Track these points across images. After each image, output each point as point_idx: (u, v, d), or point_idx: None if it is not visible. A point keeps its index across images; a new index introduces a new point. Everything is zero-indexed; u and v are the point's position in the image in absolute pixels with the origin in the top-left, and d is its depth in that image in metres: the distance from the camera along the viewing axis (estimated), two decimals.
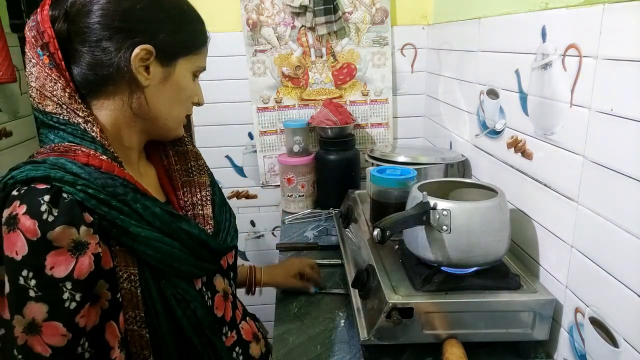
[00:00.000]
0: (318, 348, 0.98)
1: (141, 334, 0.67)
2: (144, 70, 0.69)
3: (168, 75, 0.72)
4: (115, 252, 0.64)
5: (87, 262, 0.60)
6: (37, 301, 0.57)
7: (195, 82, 0.78)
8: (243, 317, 0.91)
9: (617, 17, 0.73)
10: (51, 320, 0.58)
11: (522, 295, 0.89)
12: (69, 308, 0.58)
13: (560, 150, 0.90)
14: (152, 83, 0.70)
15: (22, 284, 0.57)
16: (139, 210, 0.66)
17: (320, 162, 1.73)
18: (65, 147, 0.65)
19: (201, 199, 0.81)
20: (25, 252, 0.57)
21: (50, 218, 0.58)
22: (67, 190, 0.60)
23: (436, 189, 0.99)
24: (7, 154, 1.72)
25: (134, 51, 0.66)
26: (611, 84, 0.75)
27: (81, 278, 0.59)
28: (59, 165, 0.61)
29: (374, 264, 1.00)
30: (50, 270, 0.58)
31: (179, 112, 0.77)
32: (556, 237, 0.92)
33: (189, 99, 0.77)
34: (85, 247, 0.60)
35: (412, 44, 1.80)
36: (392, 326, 0.86)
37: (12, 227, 0.57)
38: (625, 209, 0.73)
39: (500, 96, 1.15)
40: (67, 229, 0.58)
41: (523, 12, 1.03)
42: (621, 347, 0.75)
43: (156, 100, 0.72)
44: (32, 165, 0.62)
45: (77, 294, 0.59)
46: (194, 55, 0.74)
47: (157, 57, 0.69)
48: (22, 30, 1.83)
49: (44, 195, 0.58)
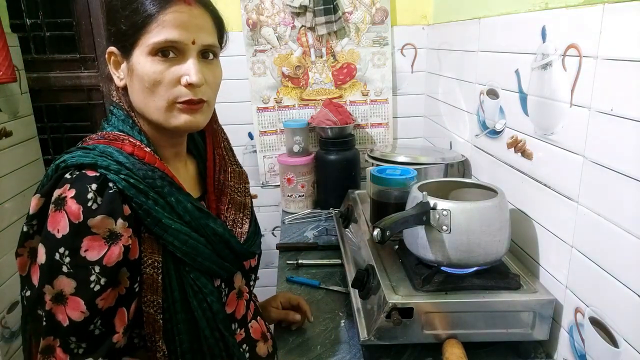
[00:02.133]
0: (318, 348, 0.98)
1: (155, 318, 0.70)
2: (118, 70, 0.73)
3: (131, 68, 0.71)
4: (144, 239, 0.69)
5: (117, 252, 0.64)
6: (67, 276, 0.63)
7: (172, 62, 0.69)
8: (254, 316, 0.92)
9: (617, 17, 0.73)
10: (76, 295, 0.63)
11: (522, 295, 0.89)
12: (93, 289, 0.63)
13: (560, 150, 0.90)
14: (126, 81, 0.73)
15: (57, 259, 0.62)
16: (172, 203, 0.70)
17: (320, 162, 1.73)
18: (115, 136, 0.70)
19: (242, 218, 0.86)
20: (66, 232, 0.62)
21: (94, 206, 0.63)
22: (112, 178, 0.65)
23: (436, 189, 0.99)
24: (7, 154, 1.72)
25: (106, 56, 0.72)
26: (611, 84, 0.75)
27: (109, 265, 0.64)
28: (106, 154, 0.67)
29: (374, 264, 1.00)
30: (84, 252, 0.63)
31: (155, 101, 0.70)
32: (556, 237, 0.92)
33: (158, 85, 0.69)
34: (118, 238, 0.64)
35: (412, 44, 1.80)
36: (392, 326, 0.86)
37: (59, 207, 0.62)
38: (625, 209, 0.73)
39: (500, 96, 1.15)
40: (106, 219, 0.63)
41: (523, 12, 1.03)
42: (621, 347, 0.75)
43: (133, 96, 0.73)
44: (83, 152, 0.67)
45: (102, 278, 0.64)
46: (143, 36, 0.68)
47: (121, 54, 0.72)
48: (22, 30, 1.84)
49: (92, 183, 0.63)
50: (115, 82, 0.73)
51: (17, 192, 1.77)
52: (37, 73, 1.89)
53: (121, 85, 0.73)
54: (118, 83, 0.73)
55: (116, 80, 0.73)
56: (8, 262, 1.71)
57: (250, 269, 0.88)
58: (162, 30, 0.67)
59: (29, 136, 1.87)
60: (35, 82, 1.89)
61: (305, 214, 1.72)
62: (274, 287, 1.27)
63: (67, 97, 1.94)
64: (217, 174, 0.86)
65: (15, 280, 1.74)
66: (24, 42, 1.84)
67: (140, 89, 0.71)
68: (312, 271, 1.31)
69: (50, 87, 1.92)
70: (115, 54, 0.72)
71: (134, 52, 0.70)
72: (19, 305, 1.77)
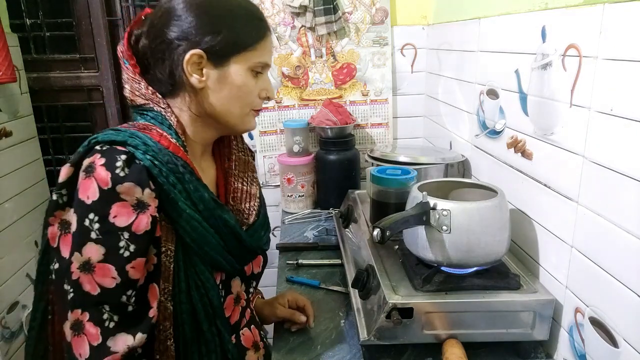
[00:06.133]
0: (318, 348, 0.98)
1: (166, 305, 0.73)
2: (198, 72, 0.75)
3: (222, 75, 0.77)
4: (161, 227, 0.71)
5: (145, 220, 0.67)
6: (96, 243, 0.65)
7: (259, 78, 0.80)
8: (248, 323, 0.91)
9: (617, 17, 0.73)
10: (105, 262, 0.65)
11: (522, 295, 0.89)
12: (122, 255, 0.66)
13: (560, 150, 0.90)
14: (208, 84, 0.76)
15: (86, 225, 0.65)
16: (189, 190, 0.73)
17: (320, 162, 1.73)
18: (145, 125, 0.74)
19: (249, 209, 0.88)
20: (95, 198, 0.65)
21: (122, 174, 0.66)
22: (138, 156, 0.68)
23: (436, 189, 0.99)
24: (7, 154, 1.72)
25: (185, 57, 0.73)
26: (611, 84, 0.75)
27: (137, 232, 0.67)
28: (136, 135, 0.71)
29: (374, 264, 1.00)
30: (113, 218, 0.65)
31: (239, 109, 0.80)
32: (556, 237, 0.92)
33: (248, 95, 0.80)
34: (146, 207, 0.67)
35: (412, 44, 1.80)
36: (392, 326, 0.86)
37: (89, 174, 0.66)
38: (625, 209, 0.73)
39: (500, 96, 1.15)
40: (134, 186, 0.66)
41: (523, 12, 1.03)
42: (621, 347, 0.75)
43: (214, 99, 0.77)
44: (114, 131, 0.71)
45: (131, 245, 0.66)
46: (248, 52, 0.77)
47: (209, 60, 0.75)
48: (22, 30, 1.84)
49: (121, 154, 0.67)
50: (194, 83, 0.75)
51: (17, 192, 1.77)
52: (37, 73, 1.89)
53: (200, 87, 0.76)
54: (197, 85, 0.75)
55: (195, 82, 0.75)
56: (8, 262, 1.71)
57: (252, 275, 0.89)
58: (264, 53, 0.79)
59: (29, 136, 1.87)
60: (35, 82, 1.89)
61: (305, 214, 1.72)
62: (274, 287, 1.27)
63: (67, 97, 1.94)
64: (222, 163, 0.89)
65: (15, 281, 1.74)
66: (24, 42, 1.84)
67: (229, 95, 0.78)
68: (312, 271, 1.31)
69: (50, 87, 1.92)
70: (203, 57, 0.74)
71: (231, 61, 0.76)
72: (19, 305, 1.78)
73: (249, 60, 0.77)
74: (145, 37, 0.77)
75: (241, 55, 0.77)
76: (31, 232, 1.86)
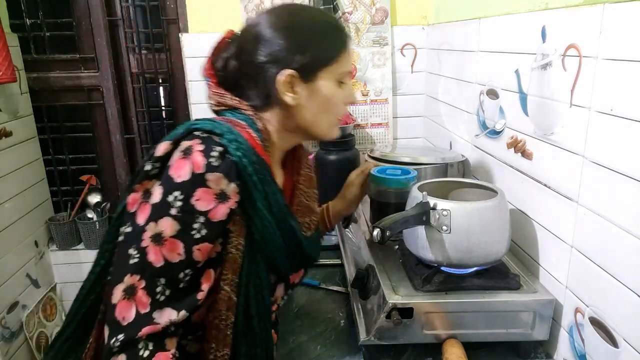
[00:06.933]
0: (318, 348, 0.98)
1: (230, 296, 0.76)
2: (290, 91, 0.79)
3: (312, 90, 0.80)
4: (235, 221, 0.75)
5: (222, 211, 0.71)
6: (174, 219, 0.68)
7: (343, 86, 0.83)
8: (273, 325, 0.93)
9: (617, 17, 0.73)
10: (176, 239, 0.69)
11: (522, 295, 0.89)
12: (193, 236, 0.69)
13: (560, 150, 0.90)
14: (300, 101, 0.79)
15: (169, 201, 0.68)
16: (268, 192, 0.77)
17: (320, 162, 1.73)
18: (237, 122, 0.78)
19: (308, 223, 0.92)
20: (185, 178, 0.69)
21: (215, 163, 0.70)
22: (231, 152, 0.72)
23: (436, 189, 0.99)
24: (7, 153, 1.72)
25: (278, 78, 0.77)
26: (611, 84, 0.75)
27: (213, 219, 0.70)
28: (231, 131, 0.74)
29: (374, 264, 1.00)
30: (195, 201, 0.69)
31: (328, 118, 0.84)
32: (556, 237, 0.92)
33: (336, 105, 0.84)
34: (227, 198, 0.71)
35: (412, 44, 1.80)
36: (392, 326, 0.86)
37: (186, 155, 0.70)
38: (625, 209, 0.73)
39: (500, 96, 1.15)
40: (222, 178, 0.70)
41: (523, 12, 1.03)
42: (621, 347, 0.75)
43: (305, 113, 0.81)
44: (213, 123, 0.75)
45: (204, 229, 0.70)
46: (333, 64, 0.80)
47: (300, 77, 0.78)
48: (22, 30, 1.84)
49: (217, 146, 0.71)
50: (287, 101, 0.78)
51: (17, 192, 1.77)
52: (37, 73, 1.89)
53: (293, 104, 0.79)
54: (290, 102, 0.79)
55: (288, 100, 0.78)
56: (8, 262, 1.71)
57: (292, 284, 0.93)
58: (347, 62, 0.83)
59: (29, 136, 1.87)
60: (35, 82, 1.89)
61: None
62: None
63: (67, 97, 1.94)
64: (291, 176, 0.93)
65: (15, 281, 1.74)
66: (24, 42, 1.84)
67: (319, 107, 0.82)
68: (312, 271, 1.31)
69: (50, 87, 1.92)
70: (294, 76, 0.78)
71: (319, 76, 0.80)
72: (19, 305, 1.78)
73: (335, 72, 0.81)
74: (235, 60, 0.81)
75: (327, 68, 0.80)
76: (31, 232, 1.86)
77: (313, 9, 0.87)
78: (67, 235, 1.96)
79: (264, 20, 0.80)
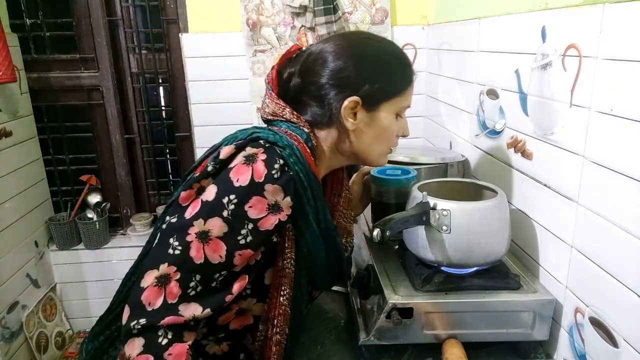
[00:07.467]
0: (318, 348, 0.98)
1: (287, 310, 0.79)
2: (352, 116, 0.81)
3: (372, 119, 0.83)
4: (288, 237, 0.77)
5: (272, 221, 0.72)
6: (224, 220, 0.70)
7: (399, 119, 0.87)
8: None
9: (617, 17, 0.73)
10: (221, 240, 0.70)
11: (522, 295, 0.89)
12: (238, 241, 0.71)
13: (560, 150, 0.90)
14: (358, 126, 0.82)
15: (223, 202, 0.70)
16: (318, 208, 0.79)
17: None
18: (296, 137, 0.79)
19: (345, 244, 0.95)
20: (244, 184, 0.70)
21: (276, 175, 0.71)
22: (290, 166, 0.74)
23: (436, 189, 0.99)
24: (7, 154, 1.72)
25: (344, 103, 0.80)
26: (611, 84, 0.75)
27: (260, 228, 0.72)
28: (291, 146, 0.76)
29: (374, 264, 1.00)
30: (248, 207, 0.70)
31: (381, 147, 0.87)
32: (556, 237, 0.92)
33: (391, 136, 0.87)
34: (279, 210, 0.72)
35: (412, 44, 1.80)
36: (392, 326, 0.86)
37: (250, 162, 0.72)
38: (625, 209, 0.73)
39: (500, 96, 1.15)
40: (279, 190, 0.72)
41: (523, 12, 1.03)
42: (621, 347, 0.75)
43: (360, 139, 0.84)
44: (274, 133, 0.77)
45: (249, 236, 0.71)
46: (397, 97, 0.83)
47: (363, 105, 0.81)
48: (22, 30, 1.84)
49: (280, 158, 0.73)
50: (348, 126, 0.81)
51: (17, 192, 1.77)
52: (37, 73, 1.89)
53: (351, 129, 0.81)
54: (350, 127, 0.81)
55: (348, 125, 0.81)
56: (8, 262, 1.71)
57: (314, 298, 0.95)
58: (409, 97, 0.86)
59: (29, 136, 1.87)
60: (35, 82, 1.89)
61: None
62: None
63: (67, 97, 1.94)
64: (332, 197, 0.96)
65: (15, 281, 1.74)
66: (24, 42, 1.84)
67: (375, 136, 0.84)
68: None
69: (50, 87, 1.92)
70: (358, 103, 0.80)
71: (381, 107, 0.82)
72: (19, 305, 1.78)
73: (396, 105, 0.84)
74: (298, 76, 0.83)
75: (391, 101, 0.83)
76: (31, 232, 1.86)
77: (385, 40, 0.88)
78: (67, 235, 1.96)
79: (334, 44, 0.82)
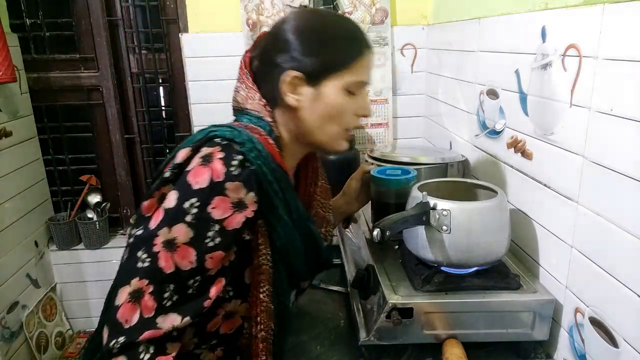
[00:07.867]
0: (318, 348, 0.98)
1: (269, 306, 0.77)
2: (293, 92, 0.78)
3: (318, 95, 0.79)
4: (260, 232, 0.75)
5: (238, 219, 0.70)
6: (188, 226, 0.68)
7: (353, 97, 0.81)
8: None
9: (617, 17, 0.73)
10: (189, 246, 0.68)
11: (522, 295, 0.89)
12: (206, 244, 0.69)
13: (560, 150, 0.90)
14: (304, 104, 0.79)
15: (185, 207, 0.68)
16: (288, 199, 0.78)
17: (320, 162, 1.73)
18: (257, 130, 0.77)
19: (324, 233, 0.94)
20: (204, 185, 0.68)
21: (235, 172, 0.69)
22: (251, 160, 0.72)
23: (436, 189, 0.99)
24: (7, 154, 1.72)
25: (282, 78, 0.77)
26: (611, 84, 0.75)
27: (227, 228, 0.70)
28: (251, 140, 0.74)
29: (374, 264, 1.00)
30: (211, 209, 0.68)
31: (333, 127, 0.81)
32: (556, 237, 0.92)
33: (343, 114, 0.81)
34: (244, 207, 0.70)
35: (412, 44, 1.80)
36: (392, 326, 0.86)
37: (206, 162, 0.69)
38: (625, 209, 0.73)
39: (500, 96, 1.15)
40: (241, 187, 0.70)
41: (523, 12, 1.03)
42: (621, 347, 0.75)
43: (308, 117, 0.80)
44: (232, 130, 0.75)
45: (217, 238, 0.69)
46: (342, 71, 0.78)
47: (307, 80, 0.78)
48: (22, 30, 1.84)
49: (238, 154, 0.71)
50: (289, 102, 0.78)
51: (17, 192, 1.77)
52: (37, 73, 1.89)
53: (296, 105, 0.78)
54: (293, 103, 0.78)
55: (291, 101, 0.78)
56: (8, 262, 1.71)
57: (303, 289, 0.94)
58: (360, 72, 0.80)
59: (29, 136, 1.87)
60: (35, 82, 1.89)
61: None
62: None
63: (66, 97, 1.94)
64: (308, 187, 0.94)
65: (15, 281, 1.74)
66: (24, 42, 1.84)
67: (320, 113, 0.79)
68: None
69: (50, 87, 1.92)
70: (300, 78, 0.77)
71: (325, 82, 0.78)
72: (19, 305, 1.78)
73: (344, 79, 0.79)
74: (257, 60, 0.82)
75: (335, 75, 0.78)
76: (31, 232, 1.86)
77: (338, 15, 0.85)
78: (67, 235, 1.96)
79: (286, 21, 0.80)
